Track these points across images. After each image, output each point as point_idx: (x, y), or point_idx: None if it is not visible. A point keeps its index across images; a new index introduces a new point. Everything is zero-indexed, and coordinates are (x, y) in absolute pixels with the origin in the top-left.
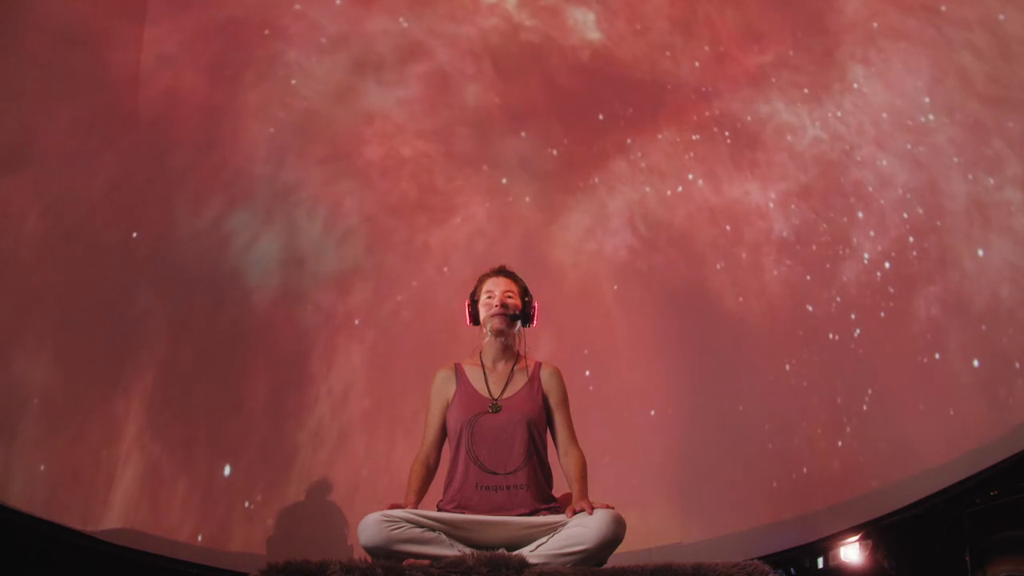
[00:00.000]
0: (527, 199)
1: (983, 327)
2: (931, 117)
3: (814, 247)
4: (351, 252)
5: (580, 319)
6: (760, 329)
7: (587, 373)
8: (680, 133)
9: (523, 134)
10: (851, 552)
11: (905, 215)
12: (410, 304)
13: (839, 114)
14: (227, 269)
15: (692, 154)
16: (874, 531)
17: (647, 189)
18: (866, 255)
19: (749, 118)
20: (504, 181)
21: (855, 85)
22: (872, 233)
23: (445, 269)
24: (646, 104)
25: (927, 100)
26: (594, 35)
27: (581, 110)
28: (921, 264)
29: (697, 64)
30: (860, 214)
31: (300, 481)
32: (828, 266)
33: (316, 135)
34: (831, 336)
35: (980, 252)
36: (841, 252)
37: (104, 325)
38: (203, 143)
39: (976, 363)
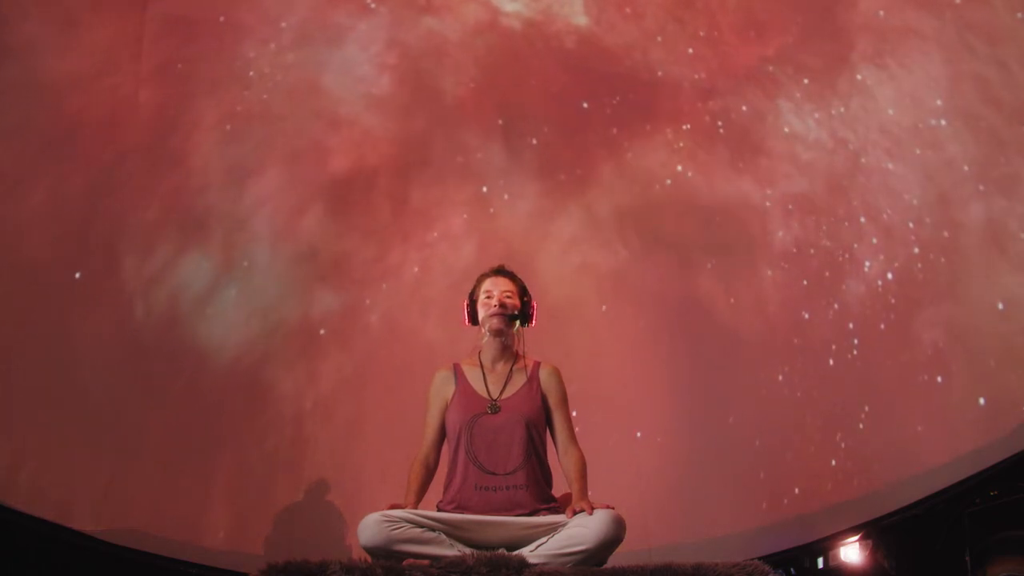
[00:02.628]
0: (508, 209)
1: (991, 363)
2: (943, 123)
3: (812, 251)
4: (319, 288)
5: (566, 339)
6: (754, 337)
7: (574, 413)
8: (672, 128)
9: (503, 132)
10: (851, 552)
11: (911, 224)
12: (386, 330)
13: (842, 110)
14: (182, 322)
15: (684, 148)
16: (874, 531)
17: (636, 189)
18: (867, 263)
19: (747, 112)
20: (484, 189)
21: (859, 76)
22: (874, 240)
23: (420, 279)
24: (635, 96)
25: (939, 103)
26: (580, 20)
27: (566, 103)
28: (926, 277)
29: (691, 51)
30: (862, 219)
31: (299, 481)
32: (827, 274)
33: (277, 146)
34: (829, 354)
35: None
36: (840, 259)
37: (48, 387)
38: (149, 163)
39: (982, 401)
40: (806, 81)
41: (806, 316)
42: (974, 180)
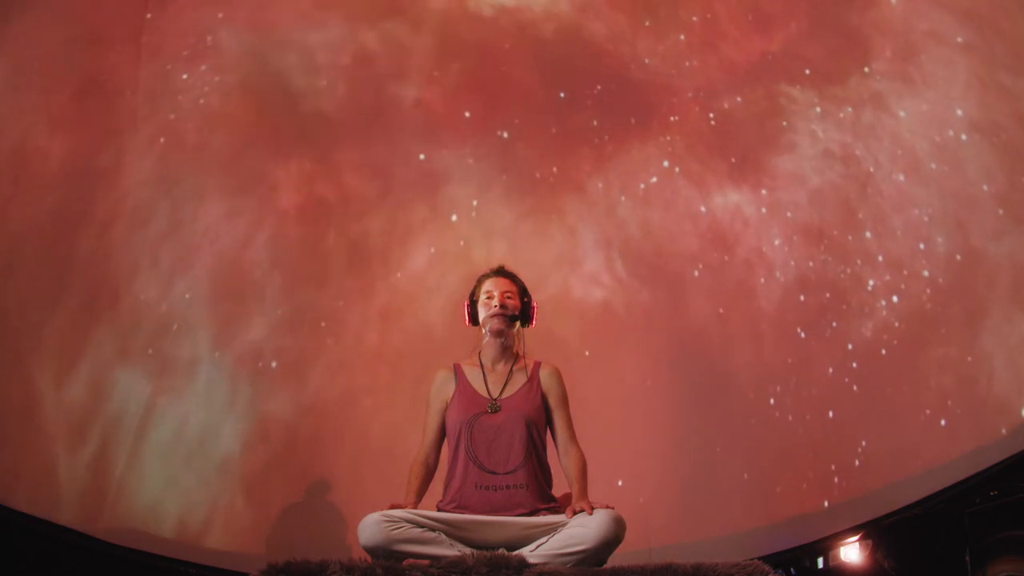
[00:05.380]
0: (480, 236)
1: (1003, 431)
2: (963, 137)
3: (811, 264)
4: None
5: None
6: (746, 354)
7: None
8: (659, 122)
9: (472, 135)
10: (851, 552)
11: (922, 246)
12: (346, 412)
13: (850, 110)
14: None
15: (672, 145)
16: (874, 531)
17: (621, 198)
18: (871, 282)
19: (745, 111)
20: (454, 218)
21: (871, 78)
22: (880, 258)
23: (384, 334)
24: (618, 86)
25: (960, 114)
26: (563, 7)
27: (543, 95)
28: (935, 307)
29: (683, 37)
30: (868, 234)
31: (299, 481)
32: (828, 295)
33: (213, 188)
34: (826, 376)
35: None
36: (842, 275)
37: None
38: (61, 234)
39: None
40: (811, 76)
41: (802, 335)
42: (993, 202)
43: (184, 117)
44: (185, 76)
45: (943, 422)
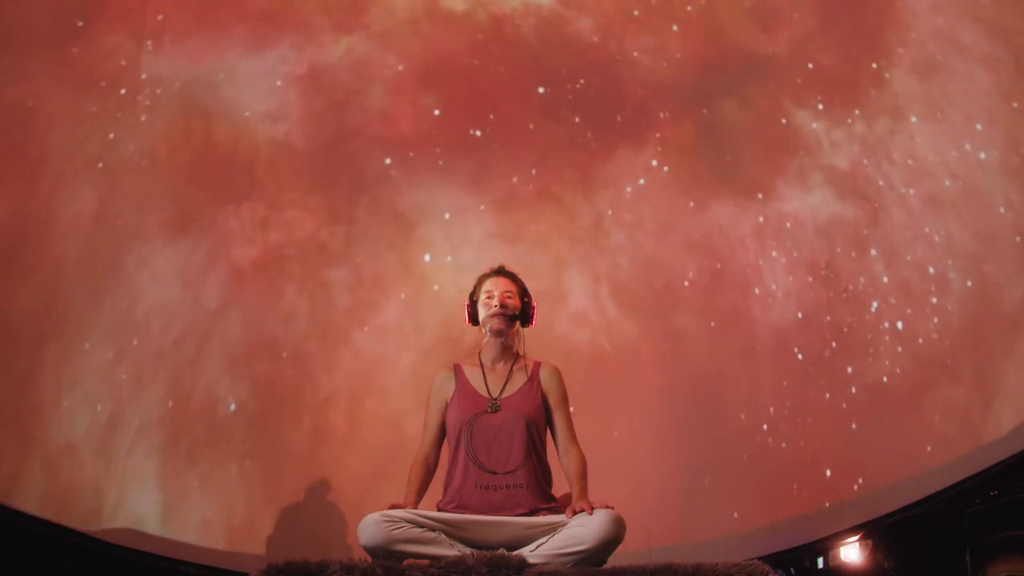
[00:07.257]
0: (457, 279)
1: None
2: (982, 156)
3: (810, 279)
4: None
5: None
6: (738, 373)
7: None
8: (651, 128)
9: (443, 153)
10: (851, 552)
11: (932, 270)
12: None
13: (857, 112)
14: None
15: (663, 152)
16: (874, 531)
17: (609, 211)
18: (875, 304)
19: (742, 113)
20: (427, 258)
21: (886, 86)
22: (885, 279)
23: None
24: (603, 81)
25: (980, 128)
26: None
27: (521, 91)
28: (942, 338)
29: (675, 28)
30: (873, 251)
31: (300, 481)
32: (828, 317)
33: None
34: (822, 400)
35: None
36: (844, 294)
37: None
38: None
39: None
40: (817, 77)
41: (800, 357)
42: (1011, 229)
43: (117, 161)
44: (123, 91)
45: (944, 464)
